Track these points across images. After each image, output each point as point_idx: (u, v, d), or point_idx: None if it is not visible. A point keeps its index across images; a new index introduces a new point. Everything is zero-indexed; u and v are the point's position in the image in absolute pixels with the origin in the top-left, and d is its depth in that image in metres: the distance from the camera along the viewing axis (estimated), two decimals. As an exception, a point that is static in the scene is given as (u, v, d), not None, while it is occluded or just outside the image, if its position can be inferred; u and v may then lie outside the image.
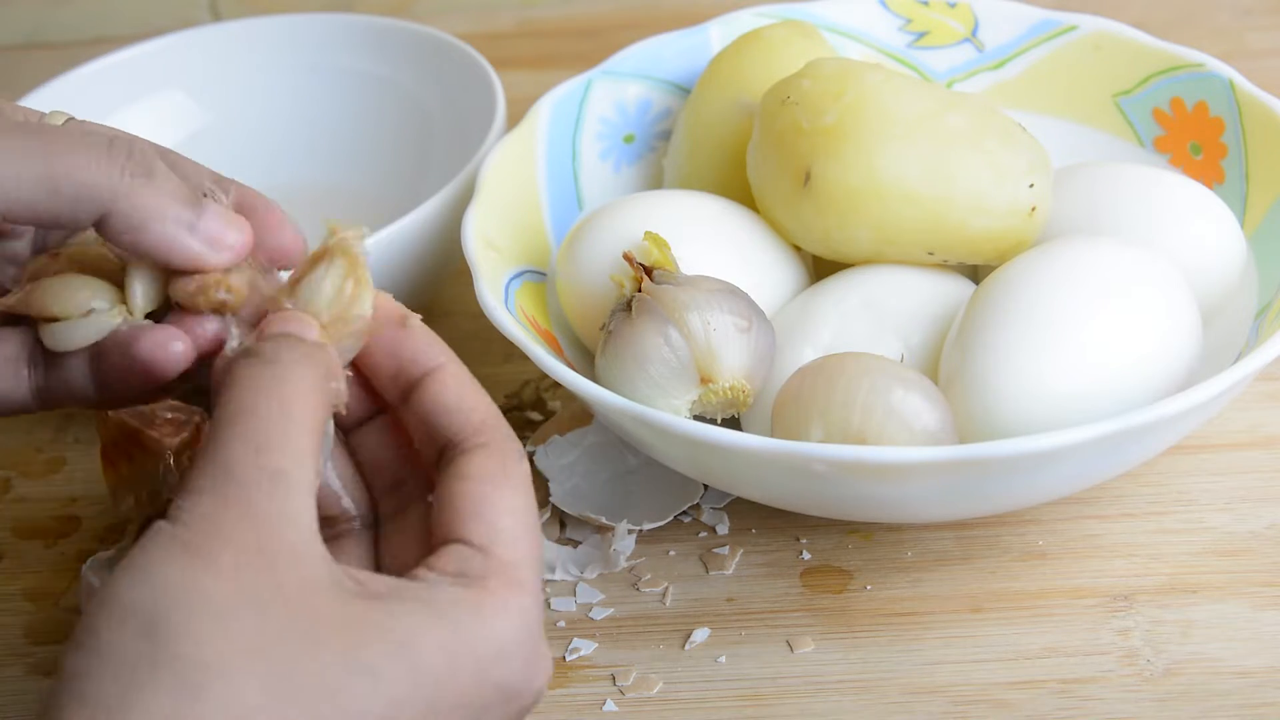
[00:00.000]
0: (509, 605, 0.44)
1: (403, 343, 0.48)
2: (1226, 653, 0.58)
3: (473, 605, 0.43)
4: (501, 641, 0.43)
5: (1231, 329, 0.65)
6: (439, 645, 0.42)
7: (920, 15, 0.76)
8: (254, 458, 0.43)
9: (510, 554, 0.45)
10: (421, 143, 0.83)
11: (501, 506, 0.45)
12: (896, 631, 0.60)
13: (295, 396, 0.44)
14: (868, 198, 0.63)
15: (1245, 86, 0.68)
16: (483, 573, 0.44)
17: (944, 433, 0.57)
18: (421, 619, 0.43)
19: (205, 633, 0.40)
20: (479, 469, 0.46)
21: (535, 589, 0.45)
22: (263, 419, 0.43)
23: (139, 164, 0.47)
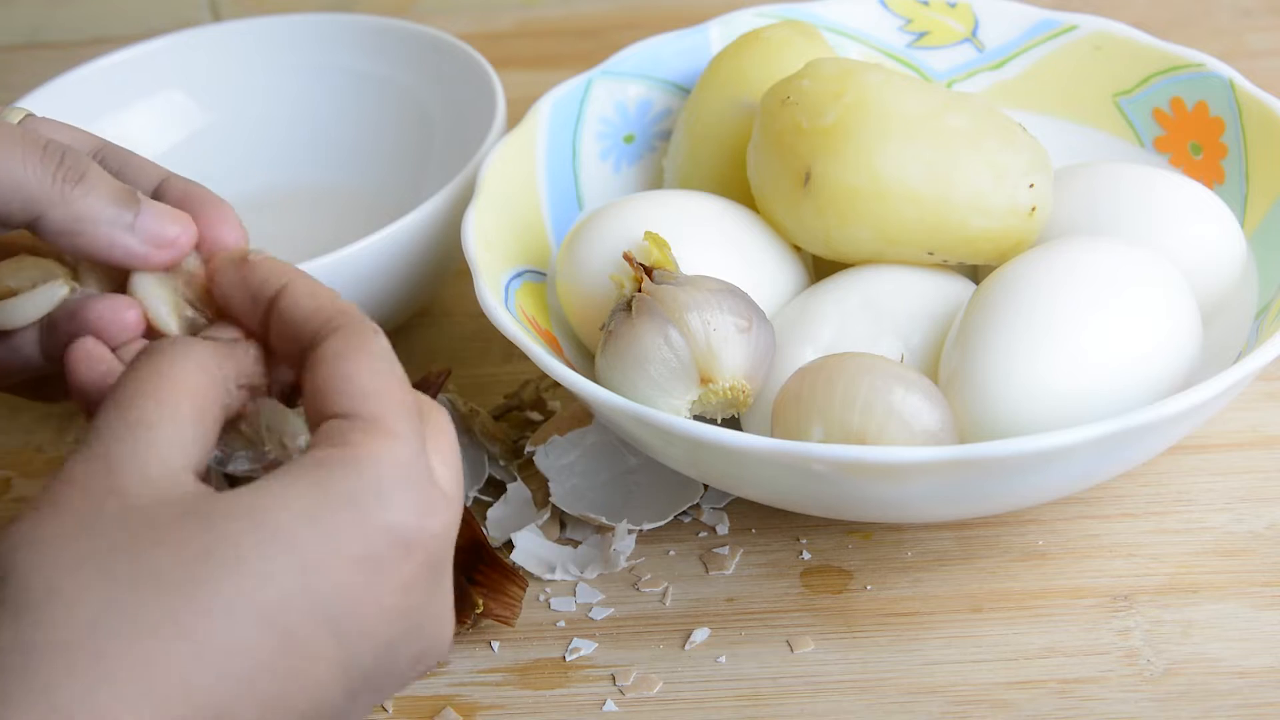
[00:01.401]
0: (377, 452, 0.43)
1: (248, 277, 0.48)
2: (1226, 653, 0.58)
3: (337, 462, 0.42)
4: (376, 485, 0.42)
5: (1231, 329, 0.65)
6: (302, 508, 0.41)
7: (920, 15, 0.76)
8: (117, 413, 0.43)
9: (375, 408, 0.44)
10: (421, 143, 0.83)
11: (360, 371, 0.44)
12: (896, 631, 0.60)
13: (170, 365, 0.44)
14: (868, 198, 0.63)
15: (1245, 86, 0.68)
16: (347, 431, 0.43)
17: (944, 433, 0.57)
18: (279, 491, 0.42)
19: (35, 562, 0.40)
20: (331, 349, 0.45)
21: (408, 434, 0.43)
22: (132, 381, 0.44)
23: (71, 168, 0.48)
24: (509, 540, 0.65)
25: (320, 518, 0.41)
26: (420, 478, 0.43)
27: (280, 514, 0.41)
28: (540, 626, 0.62)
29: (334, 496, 0.42)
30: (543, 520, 0.66)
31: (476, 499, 0.67)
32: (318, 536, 0.41)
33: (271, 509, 0.41)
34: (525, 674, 0.60)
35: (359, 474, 0.42)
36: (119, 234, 0.48)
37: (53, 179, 0.48)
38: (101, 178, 0.49)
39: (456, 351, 0.76)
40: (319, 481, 0.42)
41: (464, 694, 0.59)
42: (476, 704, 0.59)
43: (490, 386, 0.73)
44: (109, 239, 0.48)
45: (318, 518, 0.41)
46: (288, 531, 0.41)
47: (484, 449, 0.68)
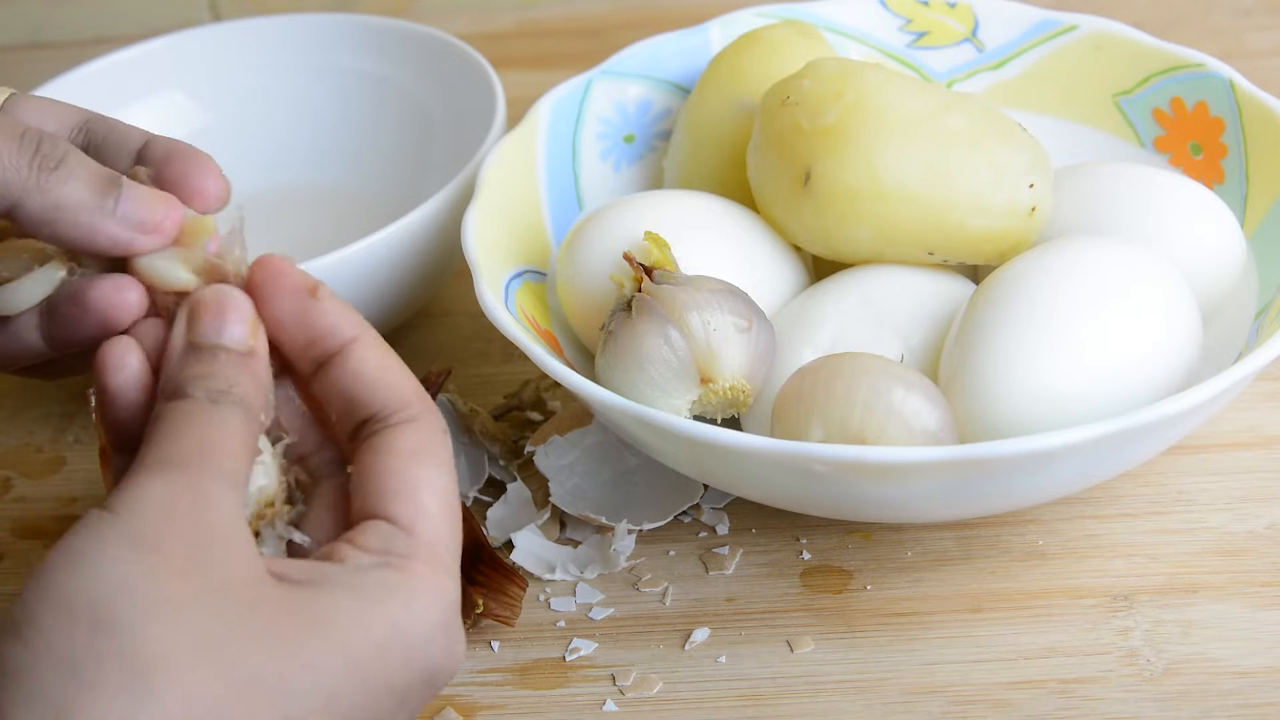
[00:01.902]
0: (433, 590, 0.44)
1: (314, 313, 0.46)
2: (1226, 653, 0.58)
3: (401, 591, 0.43)
4: (428, 628, 0.43)
5: (1231, 329, 0.65)
6: (372, 637, 0.42)
7: (920, 15, 0.76)
8: (202, 456, 0.42)
9: (433, 534, 0.44)
10: (421, 143, 0.83)
11: (426, 485, 0.45)
12: (896, 631, 0.60)
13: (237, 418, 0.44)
14: (868, 198, 0.63)
15: (1245, 86, 0.68)
16: (407, 553, 0.44)
17: (944, 433, 0.57)
18: (353, 609, 0.42)
19: (156, 631, 0.39)
20: (404, 444, 0.45)
21: (455, 570, 0.45)
22: (208, 429, 0.43)
23: (47, 155, 0.47)
24: (509, 540, 0.65)
25: (383, 648, 0.42)
26: (455, 619, 0.45)
27: (354, 636, 0.42)
28: (540, 626, 0.62)
29: (393, 631, 0.43)
30: (543, 520, 0.66)
31: (476, 499, 0.67)
32: (378, 666, 0.42)
33: (347, 629, 0.42)
34: (525, 674, 0.60)
35: (415, 613, 0.43)
36: (100, 221, 0.47)
37: (29, 167, 0.47)
38: (81, 163, 0.48)
39: (456, 351, 0.76)
40: (387, 609, 0.43)
41: (464, 694, 0.59)
42: (476, 704, 0.59)
43: (490, 386, 0.73)
44: (90, 227, 0.47)
45: (380, 647, 0.42)
46: (357, 655, 0.42)
47: (484, 449, 0.68)
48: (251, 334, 0.46)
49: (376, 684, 0.42)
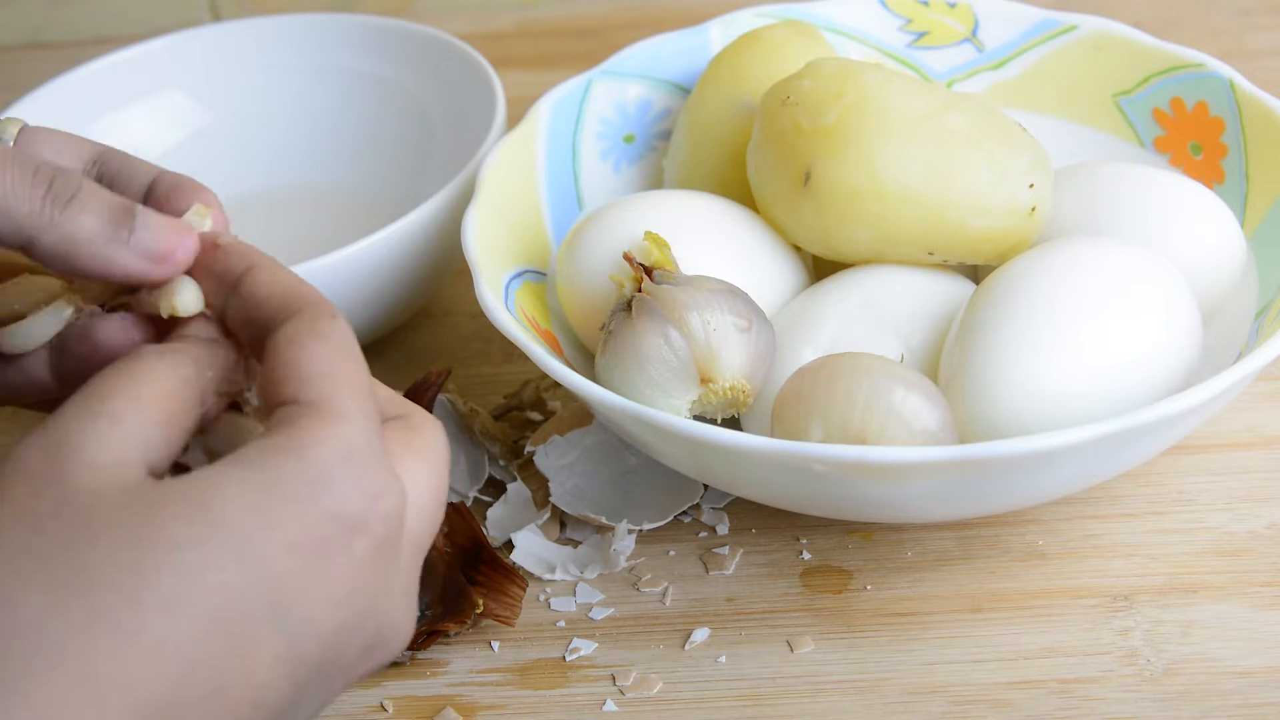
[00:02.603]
0: (322, 435, 0.42)
1: (216, 260, 0.47)
2: (1226, 653, 0.58)
3: (280, 446, 0.42)
4: (320, 467, 0.41)
5: (1231, 329, 0.65)
6: (243, 495, 0.40)
7: (920, 15, 0.76)
8: (83, 404, 0.42)
9: (322, 391, 0.43)
10: (421, 143, 0.83)
11: (312, 355, 0.44)
12: (896, 631, 0.60)
13: (149, 368, 0.43)
14: (868, 198, 0.63)
15: (1245, 86, 0.68)
16: (295, 417, 0.42)
17: (944, 433, 0.57)
18: (220, 480, 0.41)
19: None
20: (285, 334, 0.44)
21: (357, 415, 0.43)
22: (107, 377, 0.43)
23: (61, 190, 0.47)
24: (509, 540, 0.65)
25: (261, 506, 0.40)
26: (367, 460, 0.42)
27: (219, 503, 0.40)
28: (540, 626, 0.62)
29: (275, 483, 0.41)
30: (543, 520, 0.66)
31: (476, 499, 0.67)
32: (258, 525, 0.40)
33: (211, 498, 0.40)
34: (525, 674, 0.60)
35: (301, 458, 0.41)
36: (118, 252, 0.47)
37: (41, 204, 0.47)
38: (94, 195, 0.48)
39: (456, 351, 0.76)
40: (261, 469, 0.41)
41: (464, 694, 0.60)
42: (476, 704, 0.59)
43: (490, 386, 0.73)
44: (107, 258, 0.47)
45: (259, 506, 0.40)
46: (227, 521, 0.40)
47: (484, 449, 0.68)
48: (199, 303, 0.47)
49: (268, 540, 0.40)
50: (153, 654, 0.39)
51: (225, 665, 0.39)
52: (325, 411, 0.42)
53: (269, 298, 0.46)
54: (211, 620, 0.39)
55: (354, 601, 0.42)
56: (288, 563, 0.40)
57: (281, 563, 0.40)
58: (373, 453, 0.43)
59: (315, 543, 0.41)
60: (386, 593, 0.43)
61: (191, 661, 0.39)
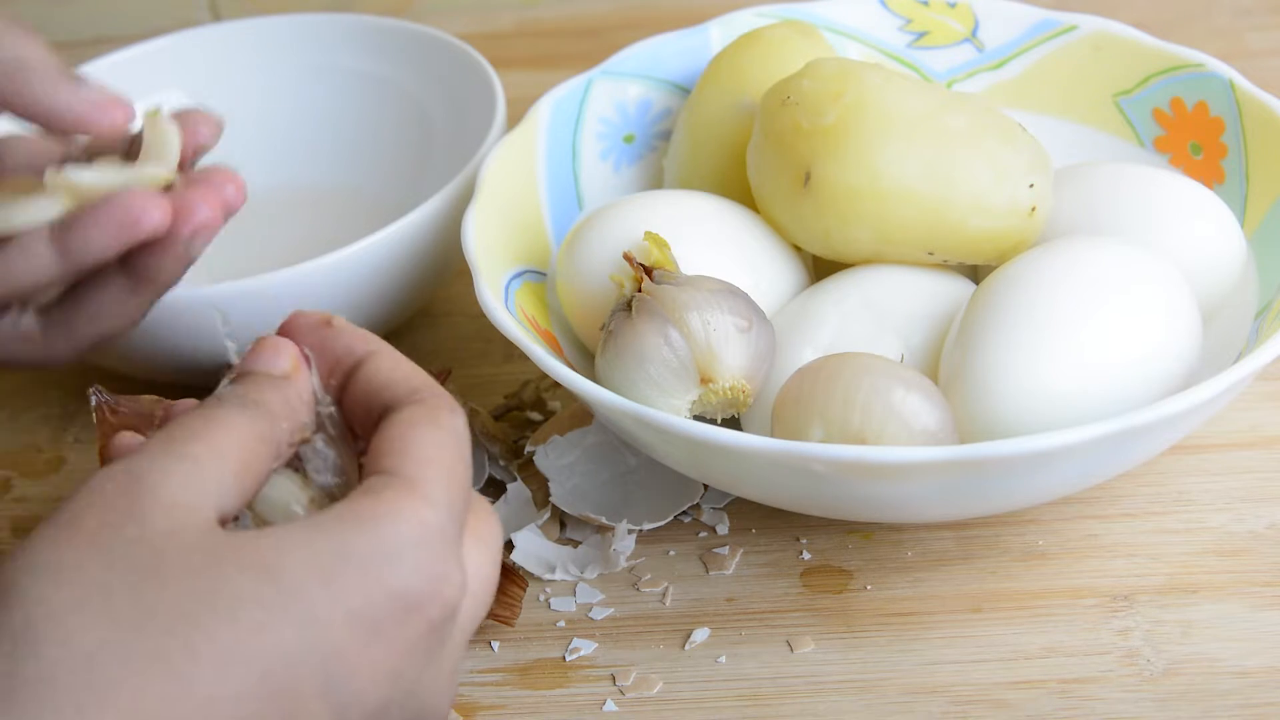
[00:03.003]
0: (402, 511, 0.42)
1: (331, 340, 0.47)
2: (1226, 653, 0.58)
3: (357, 512, 0.42)
4: (391, 545, 0.41)
5: (1231, 329, 0.65)
6: (312, 560, 0.40)
7: (920, 15, 0.76)
8: (165, 444, 0.42)
9: (417, 471, 0.43)
10: (421, 143, 0.83)
11: (421, 437, 0.44)
12: (896, 631, 0.60)
13: (231, 417, 0.44)
14: (868, 198, 0.63)
15: (1245, 86, 0.68)
16: (381, 488, 0.43)
17: (944, 433, 0.57)
18: (293, 540, 0.41)
19: (46, 591, 0.39)
20: (406, 416, 0.45)
21: (441, 501, 0.43)
22: (191, 420, 0.43)
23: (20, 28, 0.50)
24: (509, 540, 0.65)
25: (327, 572, 0.41)
26: (440, 545, 0.42)
27: (288, 563, 0.40)
28: (540, 626, 0.62)
29: (344, 551, 0.41)
30: (543, 520, 0.66)
31: (476, 499, 0.67)
32: (322, 591, 0.40)
33: (281, 557, 0.41)
34: (525, 674, 0.60)
35: (376, 531, 0.41)
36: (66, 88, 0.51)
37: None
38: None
39: (456, 351, 0.76)
40: (332, 534, 0.41)
41: (464, 694, 0.59)
42: (476, 704, 0.59)
43: (490, 386, 0.73)
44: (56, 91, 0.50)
45: (324, 571, 0.41)
46: (292, 582, 0.40)
47: (484, 449, 0.68)
48: (292, 367, 0.47)
49: (326, 609, 0.40)
50: (202, 706, 0.39)
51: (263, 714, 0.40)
52: (413, 490, 0.43)
53: (394, 382, 0.46)
54: (263, 680, 0.40)
55: (400, 680, 0.42)
56: (344, 634, 0.41)
57: (338, 632, 0.41)
58: (446, 541, 0.43)
59: (374, 617, 0.41)
60: (433, 675, 0.44)
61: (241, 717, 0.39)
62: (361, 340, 0.47)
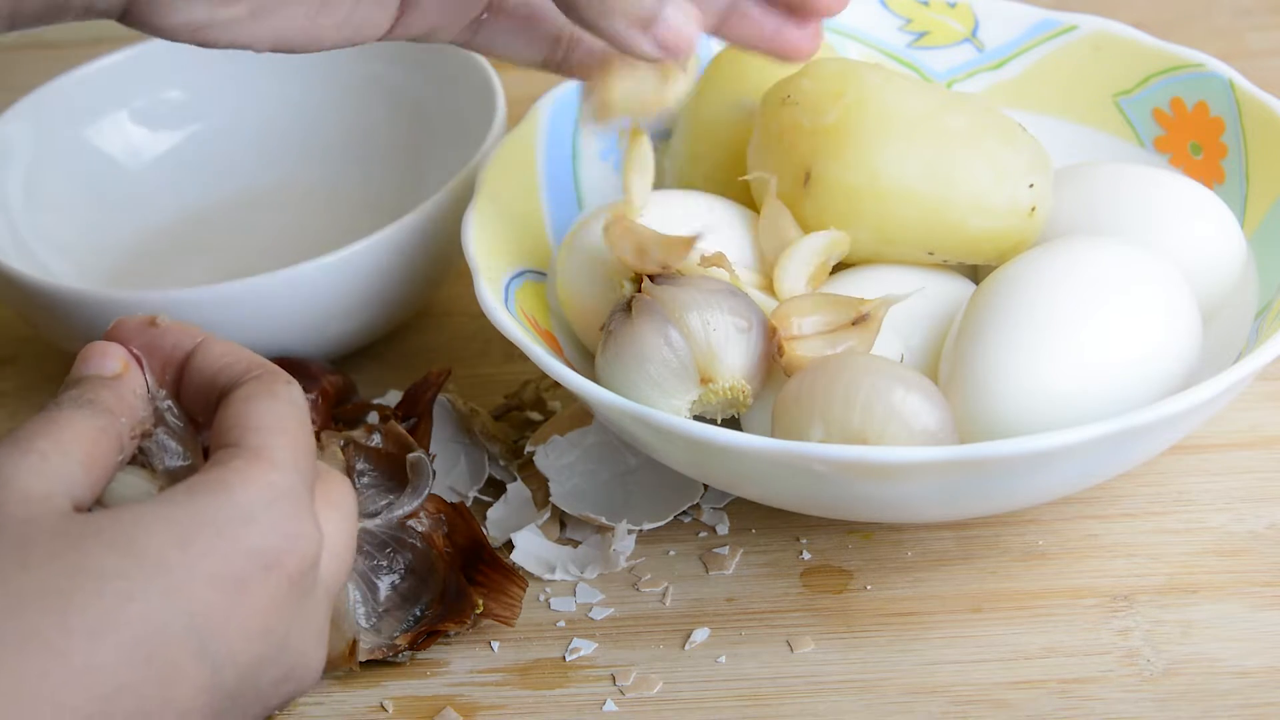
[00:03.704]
0: (250, 475, 0.44)
1: (159, 338, 0.49)
2: (1226, 653, 0.58)
3: (209, 485, 0.44)
4: (244, 508, 0.43)
5: (1231, 329, 0.65)
6: (169, 529, 0.42)
7: (920, 15, 0.76)
8: (13, 444, 0.44)
9: (260, 440, 0.45)
10: (421, 143, 0.83)
11: (258, 409, 0.46)
12: (896, 631, 0.60)
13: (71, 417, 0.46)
14: (868, 198, 0.63)
15: (1245, 86, 0.68)
16: (229, 459, 0.45)
17: (944, 433, 0.57)
18: (149, 513, 0.43)
19: None
20: (240, 393, 0.47)
21: (287, 464, 0.45)
22: (34, 423, 0.46)
23: None
24: (509, 540, 0.65)
25: (185, 539, 0.42)
26: (292, 504, 0.44)
27: (146, 535, 0.42)
28: (540, 626, 0.62)
29: (199, 518, 0.43)
30: (543, 520, 0.66)
31: (476, 499, 0.67)
32: (182, 557, 0.42)
33: (138, 531, 0.42)
34: (525, 674, 0.60)
35: (228, 495, 0.43)
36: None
37: None
38: None
39: (456, 351, 0.76)
40: (186, 504, 0.43)
41: (464, 694, 0.59)
42: (476, 704, 0.59)
43: (490, 386, 0.73)
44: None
45: (182, 539, 0.42)
46: (152, 552, 0.42)
47: (484, 449, 0.68)
48: (122, 367, 0.49)
49: (187, 573, 0.42)
50: (80, 676, 0.40)
51: (148, 691, 0.41)
52: (258, 456, 0.45)
53: (227, 365, 0.48)
54: (135, 646, 0.41)
55: (270, 636, 0.44)
56: (209, 594, 0.42)
57: (202, 594, 0.42)
58: (296, 500, 0.45)
59: (235, 577, 0.43)
60: (300, 630, 0.45)
61: (117, 685, 0.41)
62: (188, 334, 0.49)
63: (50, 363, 0.78)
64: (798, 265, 0.62)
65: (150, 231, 0.82)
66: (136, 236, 0.82)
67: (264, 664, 0.44)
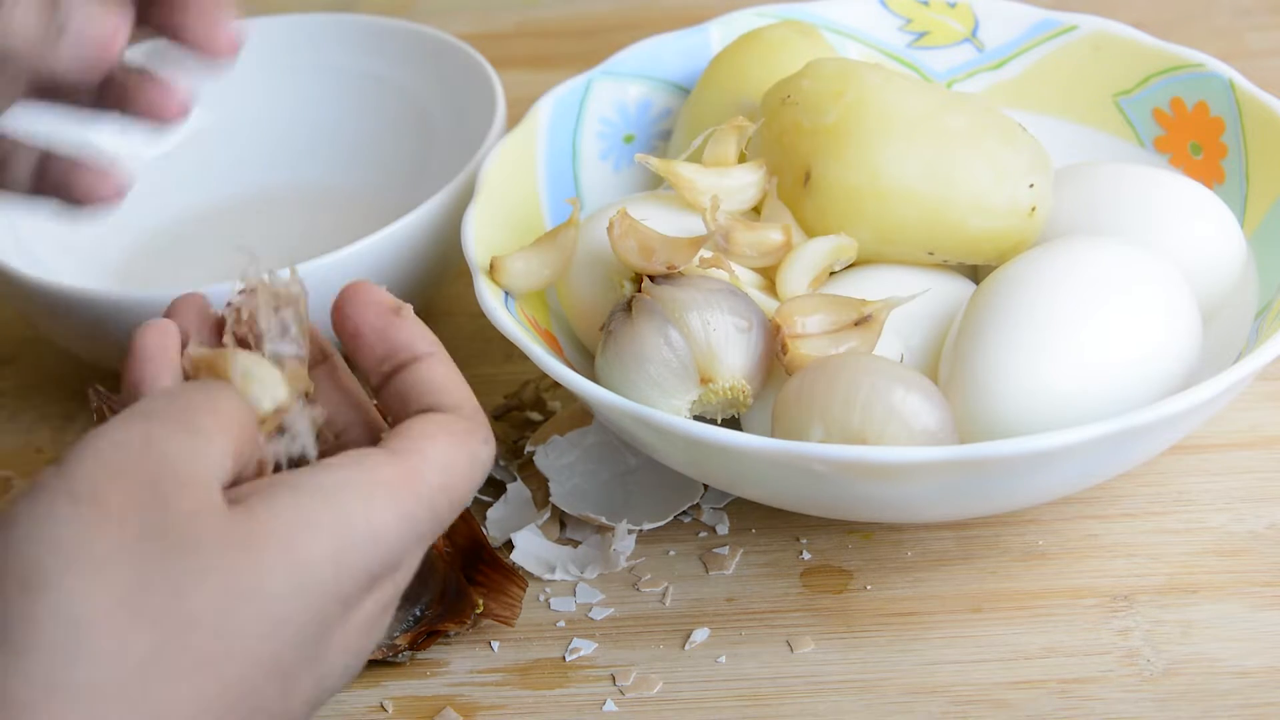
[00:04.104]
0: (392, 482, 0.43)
1: (395, 328, 0.48)
2: (1226, 653, 0.58)
3: (356, 484, 0.42)
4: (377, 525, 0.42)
5: (1231, 329, 0.65)
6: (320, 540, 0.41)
7: (920, 15, 0.76)
8: (175, 415, 0.42)
9: (414, 444, 0.44)
10: (421, 143, 0.83)
11: (440, 445, 0.45)
12: (896, 631, 0.60)
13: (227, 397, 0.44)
14: (868, 198, 0.63)
15: (1245, 86, 0.68)
16: (375, 453, 0.43)
17: (944, 433, 0.57)
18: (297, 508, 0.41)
19: (84, 585, 0.38)
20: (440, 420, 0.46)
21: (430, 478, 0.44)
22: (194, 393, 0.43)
23: None
24: (509, 540, 0.65)
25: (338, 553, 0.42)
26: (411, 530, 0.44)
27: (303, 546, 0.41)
28: (540, 626, 0.62)
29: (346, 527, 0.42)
30: (543, 520, 0.66)
31: (477, 499, 0.67)
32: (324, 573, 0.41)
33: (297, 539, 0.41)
34: (525, 674, 0.60)
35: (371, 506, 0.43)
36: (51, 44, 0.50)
37: None
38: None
39: (456, 351, 0.75)
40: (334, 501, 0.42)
41: (464, 694, 0.59)
42: (476, 704, 0.59)
43: (490, 386, 0.73)
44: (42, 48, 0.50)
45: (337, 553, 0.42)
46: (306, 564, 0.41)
47: (484, 449, 0.68)
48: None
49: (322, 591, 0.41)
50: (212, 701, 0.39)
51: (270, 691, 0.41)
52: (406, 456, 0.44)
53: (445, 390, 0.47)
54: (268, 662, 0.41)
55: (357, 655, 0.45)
56: (336, 610, 0.42)
57: (331, 609, 0.42)
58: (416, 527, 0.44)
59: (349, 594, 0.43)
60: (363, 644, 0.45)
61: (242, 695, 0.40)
62: (425, 340, 0.48)
63: (50, 363, 0.78)
64: (802, 268, 0.62)
65: (150, 231, 0.82)
66: (137, 236, 0.82)
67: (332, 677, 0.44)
